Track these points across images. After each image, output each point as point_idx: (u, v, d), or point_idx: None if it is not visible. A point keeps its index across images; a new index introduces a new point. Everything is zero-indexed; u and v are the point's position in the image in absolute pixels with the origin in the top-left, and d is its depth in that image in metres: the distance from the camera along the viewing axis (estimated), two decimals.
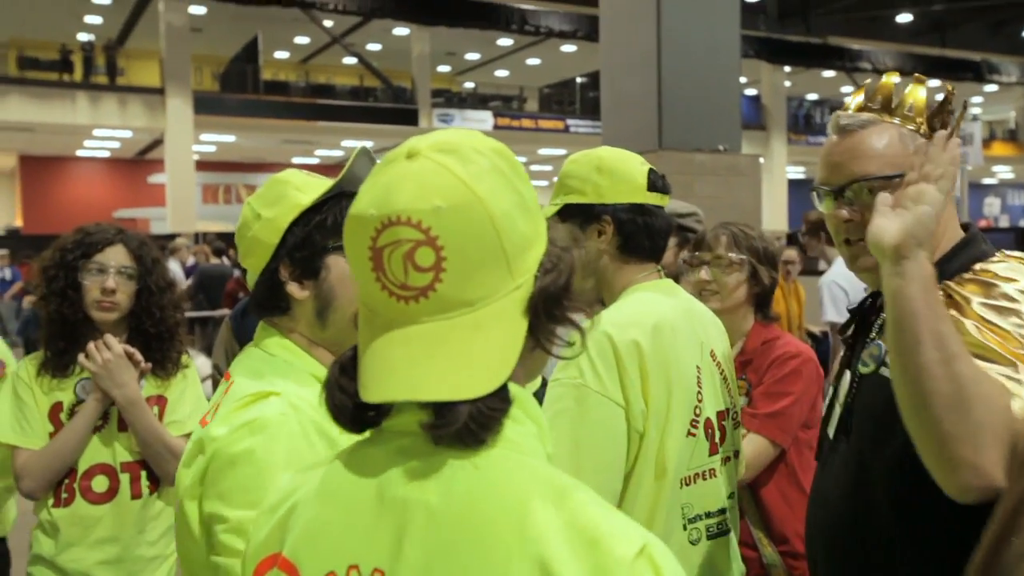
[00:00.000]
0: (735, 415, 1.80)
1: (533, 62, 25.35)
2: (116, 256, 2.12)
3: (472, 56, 25.35)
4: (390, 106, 21.96)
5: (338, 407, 0.85)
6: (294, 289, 1.26)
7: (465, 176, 0.80)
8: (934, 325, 1.14)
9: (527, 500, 0.76)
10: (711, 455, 1.68)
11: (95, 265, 2.09)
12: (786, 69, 24.36)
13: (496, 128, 22.08)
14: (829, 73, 25.19)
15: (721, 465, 1.71)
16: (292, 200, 1.26)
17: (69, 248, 2.10)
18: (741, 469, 1.88)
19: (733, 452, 1.78)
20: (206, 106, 19.77)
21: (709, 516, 1.67)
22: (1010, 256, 1.33)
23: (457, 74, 27.31)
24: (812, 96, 28.56)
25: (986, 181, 33.70)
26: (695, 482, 1.64)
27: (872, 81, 1.47)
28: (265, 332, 1.31)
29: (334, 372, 0.86)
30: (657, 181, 1.70)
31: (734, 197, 5.08)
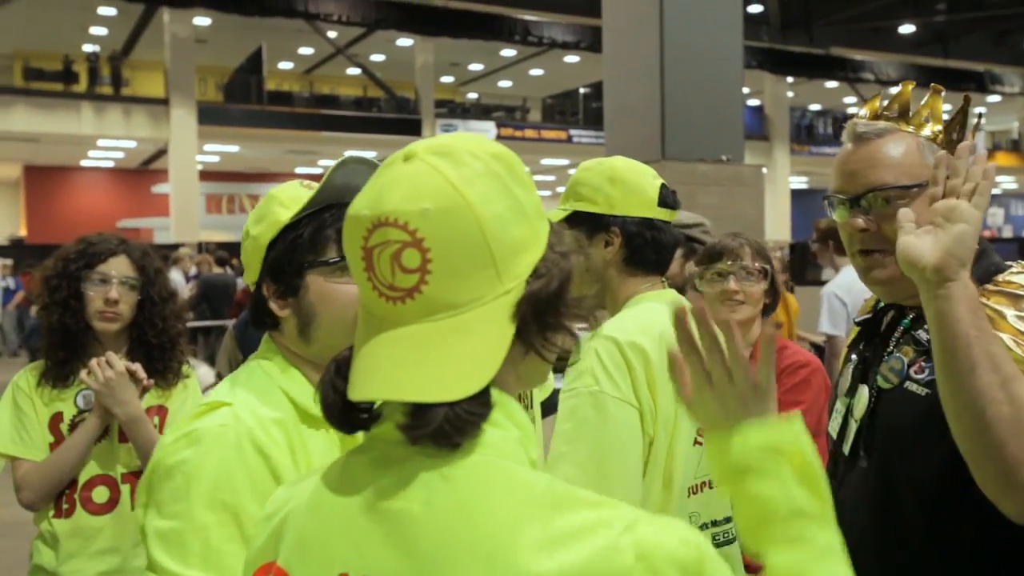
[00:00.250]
0: None
1: (536, 73, 25.41)
2: (119, 266, 2.12)
3: (475, 67, 25.42)
4: (393, 116, 22.01)
5: (329, 406, 0.85)
6: (275, 307, 1.25)
7: (456, 179, 0.81)
8: (987, 347, 1.12)
9: (507, 506, 0.77)
10: None
11: (98, 275, 2.09)
12: (789, 79, 24.39)
13: (499, 138, 22.02)
14: (832, 84, 25.23)
15: None
16: (273, 217, 1.24)
17: (72, 258, 2.10)
18: None
19: None
20: (210, 116, 19.84)
21: (716, 524, 1.67)
22: None
23: (460, 84, 27.37)
24: (815, 106, 28.59)
25: None
26: (702, 491, 1.64)
27: (889, 90, 1.46)
28: (265, 345, 1.31)
29: (329, 371, 0.86)
30: (668, 197, 1.70)
31: (737, 207, 5.08)
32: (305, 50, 23.38)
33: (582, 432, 1.49)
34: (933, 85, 1.41)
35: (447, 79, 26.13)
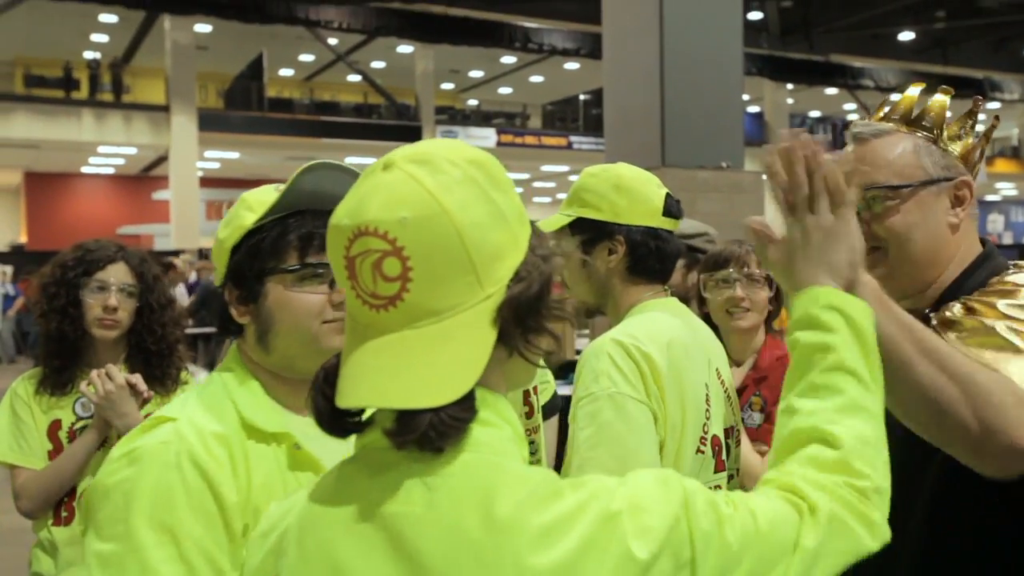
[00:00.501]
0: (737, 433, 1.80)
1: (536, 79, 25.44)
2: (117, 273, 2.11)
3: (476, 73, 25.46)
4: (394, 123, 22.03)
5: (320, 412, 0.86)
6: (235, 312, 1.23)
7: (433, 187, 0.82)
8: (911, 335, 1.13)
9: (507, 502, 0.77)
10: (716, 472, 1.67)
11: (96, 283, 2.09)
12: (788, 86, 24.44)
13: (499, 145, 22.14)
14: (831, 90, 25.25)
15: (726, 483, 1.71)
16: (239, 221, 1.23)
17: (70, 265, 2.10)
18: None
19: (736, 470, 1.78)
20: (211, 123, 19.86)
21: None
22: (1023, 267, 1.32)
23: (461, 91, 27.42)
24: (815, 113, 28.63)
25: (989, 198, 33.69)
26: None
27: (900, 93, 1.46)
28: (230, 355, 1.28)
29: (319, 378, 0.87)
30: (673, 207, 1.70)
31: (737, 214, 5.06)
32: (306, 57, 23.42)
33: (604, 435, 1.48)
34: (942, 87, 1.41)
35: (447, 86, 26.17)
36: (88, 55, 20.74)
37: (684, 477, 0.83)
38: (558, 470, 1.49)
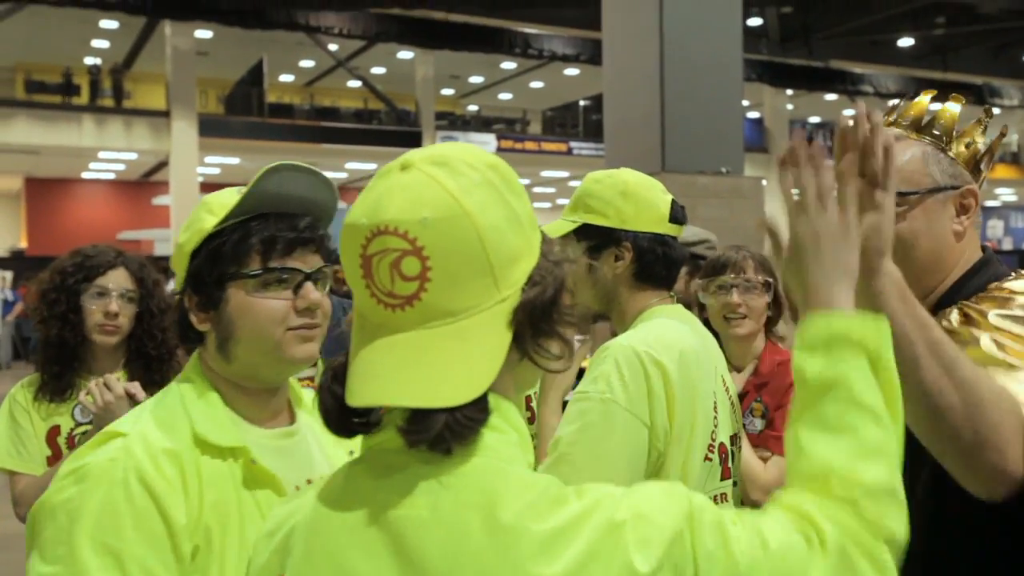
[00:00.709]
0: (739, 440, 1.81)
1: (536, 85, 25.48)
2: (118, 279, 2.11)
3: (476, 79, 25.49)
4: (394, 129, 22.05)
5: (328, 412, 0.86)
6: (195, 320, 1.19)
7: (454, 189, 0.82)
8: (926, 336, 1.12)
9: (513, 508, 0.77)
10: (723, 479, 1.68)
11: (97, 288, 2.09)
12: (788, 92, 24.45)
13: (499, 150, 22.15)
14: (831, 96, 25.28)
15: (732, 489, 1.72)
16: (198, 225, 1.18)
17: (69, 271, 2.10)
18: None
19: (739, 476, 1.79)
20: (211, 128, 19.89)
21: None
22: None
23: (461, 97, 27.45)
24: (814, 119, 28.65)
25: (989, 204, 33.72)
26: None
27: (906, 101, 1.47)
28: (190, 364, 1.25)
29: (327, 378, 0.87)
30: (678, 213, 1.71)
31: (737, 219, 5.08)
32: (306, 63, 23.45)
33: (585, 436, 1.49)
34: (953, 95, 1.43)
35: (447, 91, 26.20)
36: (89, 61, 20.78)
37: (692, 492, 0.81)
38: None
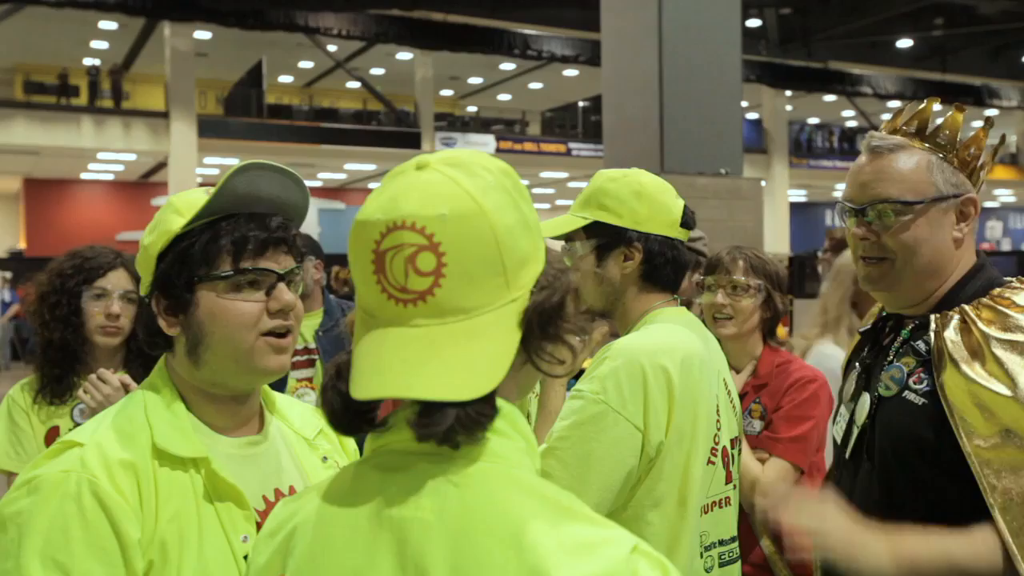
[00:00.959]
0: (739, 443, 1.82)
1: (536, 86, 25.48)
2: (118, 280, 2.11)
3: (475, 80, 25.50)
4: (393, 130, 22.06)
5: (331, 408, 0.87)
6: (164, 324, 1.16)
7: (472, 188, 0.83)
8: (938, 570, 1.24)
9: (520, 512, 0.77)
10: (727, 483, 1.69)
11: (97, 290, 2.09)
12: (787, 93, 24.46)
13: (499, 151, 22.14)
14: (830, 97, 25.30)
15: (733, 492, 1.73)
16: (165, 226, 1.15)
17: (69, 273, 2.10)
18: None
19: (739, 479, 1.80)
20: (210, 129, 19.88)
21: (723, 544, 1.68)
22: None
23: (460, 98, 27.45)
24: (813, 120, 28.67)
25: (988, 205, 33.74)
26: (712, 510, 1.65)
27: (911, 105, 1.50)
28: (156, 371, 1.21)
29: (330, 375, 0.88)
30: (689, 218, 1.72)
31: (736, 220, 5.08)
32: (305, 64, 23.45)
33: (575, 433, 1.50)
34: (956, 104, 1.46)
35: (446, 92, 26.20)
36: (88, 62, 20.77)
37: None
38: None
